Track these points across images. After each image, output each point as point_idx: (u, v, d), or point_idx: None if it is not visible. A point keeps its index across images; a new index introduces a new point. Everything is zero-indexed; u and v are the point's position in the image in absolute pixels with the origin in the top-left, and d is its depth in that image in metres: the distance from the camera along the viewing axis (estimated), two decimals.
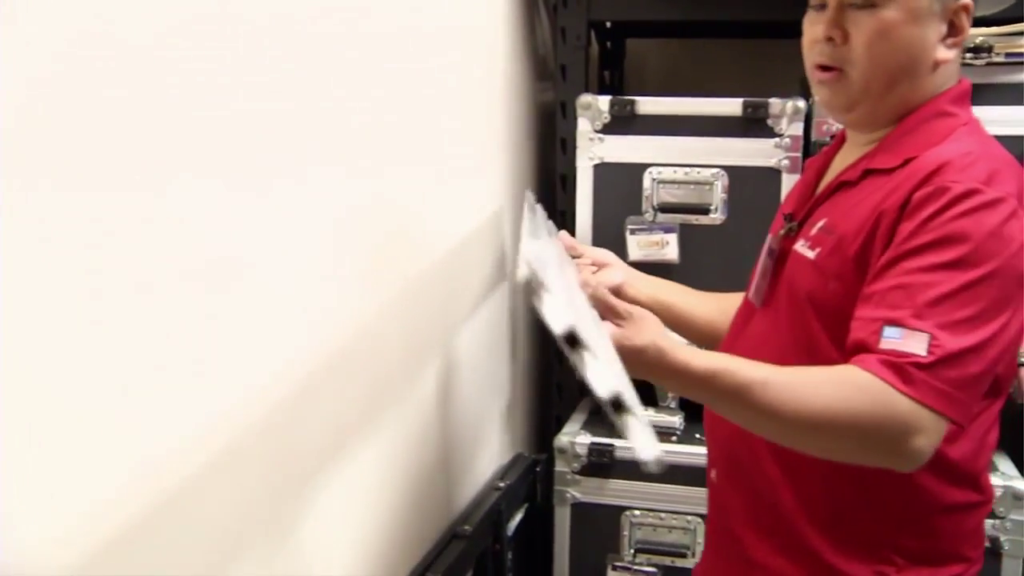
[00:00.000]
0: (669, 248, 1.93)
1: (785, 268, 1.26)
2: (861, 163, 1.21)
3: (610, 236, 1.97)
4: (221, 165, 0.95)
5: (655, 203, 1.95)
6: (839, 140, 1.34)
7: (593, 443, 1.96)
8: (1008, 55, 1.77)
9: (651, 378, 1.09)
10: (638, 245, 1.95)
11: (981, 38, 1.77)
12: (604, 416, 2.02)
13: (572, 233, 2.00)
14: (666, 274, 1.91)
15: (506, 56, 1.99)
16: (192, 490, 0.92)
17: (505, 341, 2.02)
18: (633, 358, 1.05)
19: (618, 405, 0.89)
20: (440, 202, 1.60)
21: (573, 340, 0.90)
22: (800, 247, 1.22)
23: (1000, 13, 1.81)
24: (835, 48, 1.17)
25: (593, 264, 1.52)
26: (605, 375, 0.91)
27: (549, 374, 2.20)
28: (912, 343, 1.03)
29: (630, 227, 1.95)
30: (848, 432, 1.05)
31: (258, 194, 1.02)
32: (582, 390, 2.19)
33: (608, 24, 2.31)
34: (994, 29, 1.77)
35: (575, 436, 1.98)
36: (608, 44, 2.50)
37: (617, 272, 1.52)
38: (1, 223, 0.66)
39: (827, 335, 1.16)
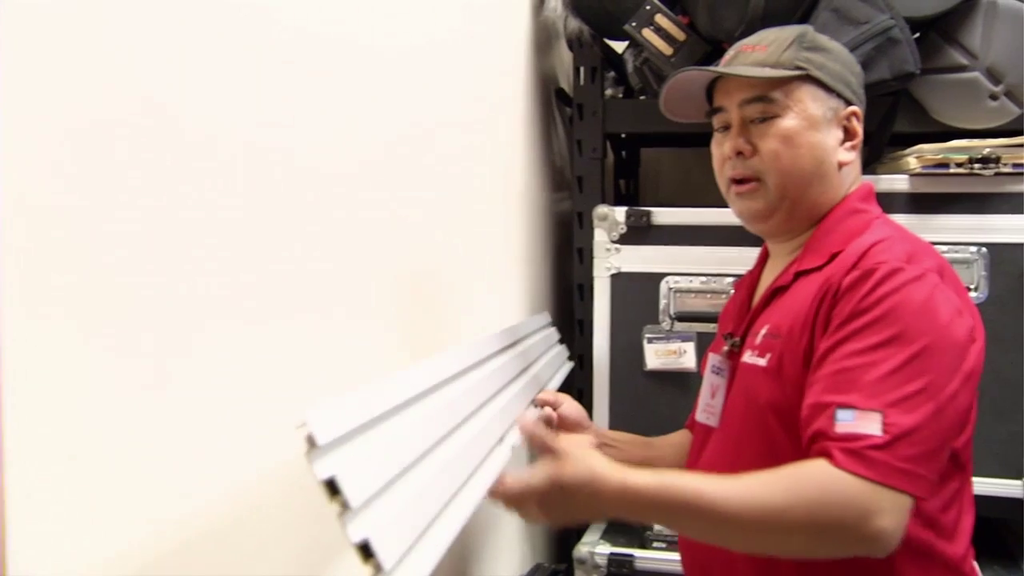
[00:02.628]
0: (686, 357, 1.95)
1: (735, 382, 1.28)
2: (791, 268, 1.26)
3: (627, 345, 1.99)
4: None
5: (672, 312, 1.97)
6: (762, 258, 1.40)
7: (613, 553, 1.94)
8: (1015, 165, 1.81)
9: (600, 510, 1.09)
10: (655, 354, 1.96)
11: (989, 149, 1.81)
12: (624, 526, 2.02)
13: (590, 343, 2.03)
14: (684, 382, 1.94)
15: (524, 168, 2.04)
16: None
17: (523, 451, 2.02)
18: (569, 496, 1.07)
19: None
20: (459, 312, 1.62)
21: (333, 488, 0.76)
22: (749, 358, 1.25)
23: (1006, 125, 1.86)
24: (746, 161, 1.26)
25: (562, 426, 1.47)
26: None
27: None
28: (866, 424, 1.03)
29: (647, 336, 1.97)
30: (805, 523, 1.03)
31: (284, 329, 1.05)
32: None
33: (623, 135, 2.37)
34: (1001, 141, 1.81)
35: (594, 546, 1.96)
36: (623, 153, 2.56)
37: (590, 440, 1.40)
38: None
39: (788, 439, 1.16)
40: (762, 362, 1.21)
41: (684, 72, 1.32)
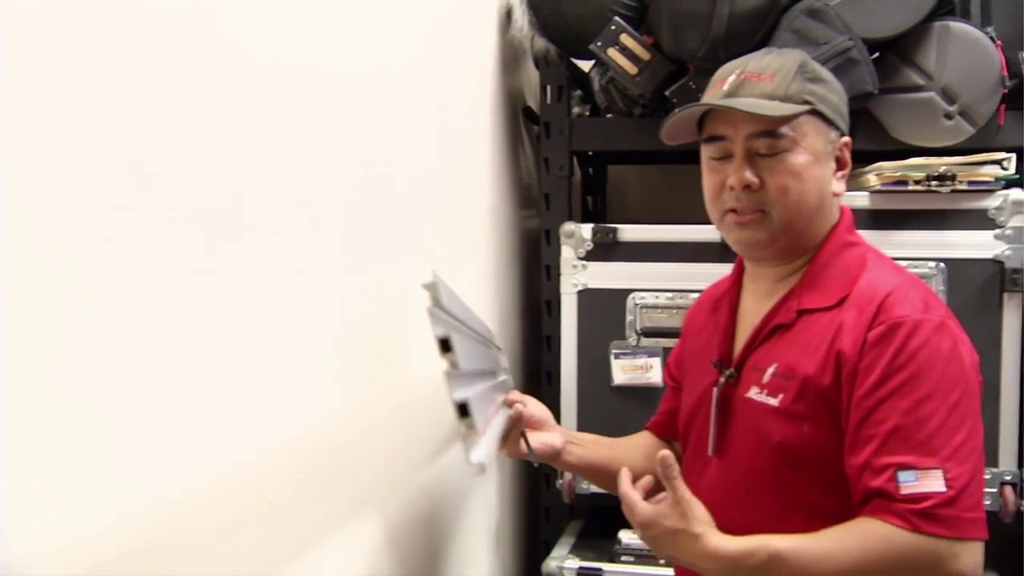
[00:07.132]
0: (653, 372, 1.97)
1: (736, 417, 1.29)
2: (790, 303, 1.28)
3: (594, 360, 2.01)
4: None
5: (638, 328, 2.00)
6: (737, 275, 1.40)
7: (581, 568, 1.95)
8: (971, 183, 1.86)
9: (686, 560, 1.19)
10: (622, 369, 1.98)
11: (945, 167, 1.85)
12: (593, 540, 2.03)
13: (558, 359, 2.05)
14: (651, 397, 1.96)
15: (491, 185, 2.06)
16: None
17: (492, 464, 2.03)
18: (668, 538, 1.19)
19: (463, 411, 1.13)
20: (427, 327, 1.63)
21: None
22: (755, 395, 1.26)
23: (962, 144, 1.90)
24: (752, 194, 1.25)
25: (529, 424, 1.49)
26: (481, 445, 1.15)
27: (536, 498, 2.20)
28: (930, 482, 1.10)
29: (614, 351, 1.99)
30: None
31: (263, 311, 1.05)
32: (571, 513, 2.19)
33: (590, 152, 2.40)
34: (957, 159, 1.86)
35: (563, 561, 1.97)
36: (590, 170, 2.59)
37: (557, 437, 1.50)
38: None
39: (805, 477, 1.21)
40: (773, 402, 1.23)
41: (697, 105, 1.29)
